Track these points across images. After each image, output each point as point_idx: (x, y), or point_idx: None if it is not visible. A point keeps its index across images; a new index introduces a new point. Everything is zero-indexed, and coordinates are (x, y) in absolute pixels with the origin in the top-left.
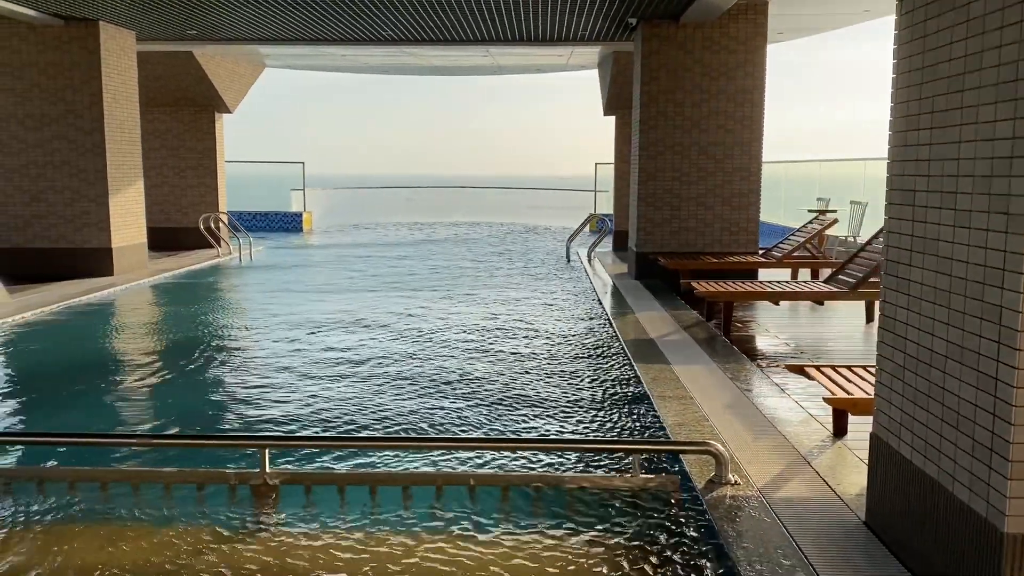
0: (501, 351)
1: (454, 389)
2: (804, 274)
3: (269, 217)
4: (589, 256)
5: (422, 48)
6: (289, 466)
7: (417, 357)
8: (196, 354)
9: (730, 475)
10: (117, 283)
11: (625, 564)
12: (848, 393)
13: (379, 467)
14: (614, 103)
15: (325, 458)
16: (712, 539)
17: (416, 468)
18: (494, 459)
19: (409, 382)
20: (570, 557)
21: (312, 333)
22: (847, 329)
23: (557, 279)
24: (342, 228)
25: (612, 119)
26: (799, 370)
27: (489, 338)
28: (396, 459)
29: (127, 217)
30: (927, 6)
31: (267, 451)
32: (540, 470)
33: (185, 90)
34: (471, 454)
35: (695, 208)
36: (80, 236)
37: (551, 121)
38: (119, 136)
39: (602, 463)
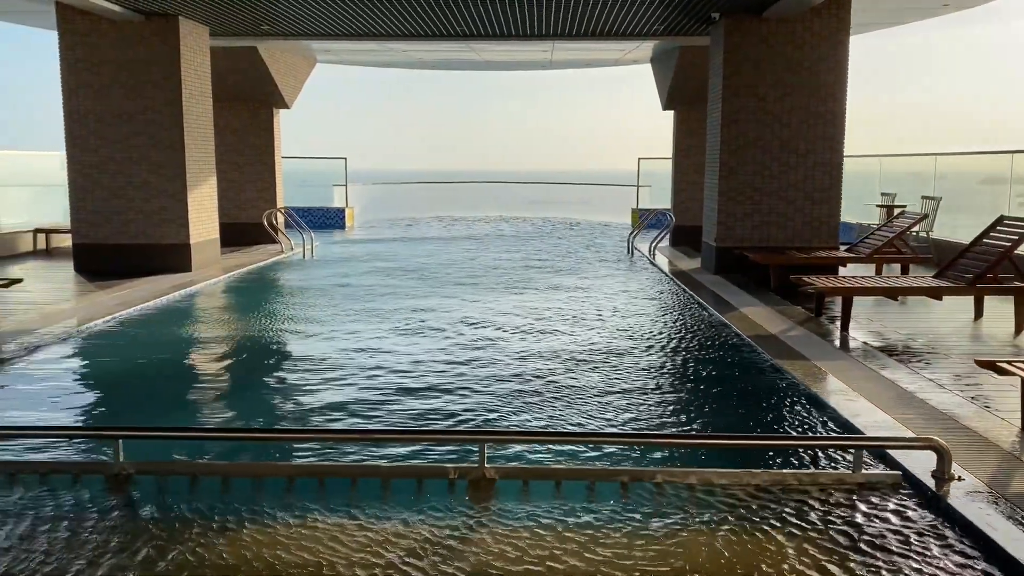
0: (619, 345)
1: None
2: (887, 269)
3: (312, 213)
4: (652, 251)
5: (488, 43)
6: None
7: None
8: (325, 348)
9: (952, 470)
10: (197, 280)
11: (894, 559)
12: None
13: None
14: (676, 97)
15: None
16: (970, 535)
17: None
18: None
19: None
20: (817, 555)
21: (436, 324)
22: (958, 325)
23: (632, 273)
24: (387, 223)
25: (670, 114)
26: (990, 365)
27: (610, 335)
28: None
29: (202, 213)
30: None
31: (485, 445)
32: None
33: (246, 85)
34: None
35: (776, 203)
36: (159, 232)
37: (586, 116)
38: (196, 132)
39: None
